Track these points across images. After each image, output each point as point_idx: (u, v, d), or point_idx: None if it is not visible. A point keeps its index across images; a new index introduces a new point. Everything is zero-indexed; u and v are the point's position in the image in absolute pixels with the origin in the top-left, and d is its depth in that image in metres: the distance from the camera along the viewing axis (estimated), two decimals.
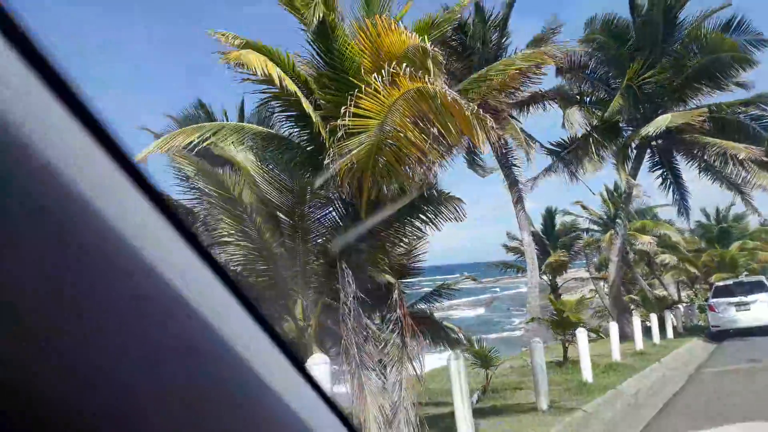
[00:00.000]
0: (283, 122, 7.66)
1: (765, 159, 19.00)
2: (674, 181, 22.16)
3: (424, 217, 7.90)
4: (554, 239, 27.44)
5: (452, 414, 6.95)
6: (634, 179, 20.88)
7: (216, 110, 12.18)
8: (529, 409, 8.76)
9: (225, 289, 0.65)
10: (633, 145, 20.83)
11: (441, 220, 7.99)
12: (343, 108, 5.99)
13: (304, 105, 6.42)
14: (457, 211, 8.01)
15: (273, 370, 0.68)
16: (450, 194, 8.08)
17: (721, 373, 13.02)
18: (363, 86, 5.90)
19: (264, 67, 6.21)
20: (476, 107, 5.73)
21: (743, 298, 20.54)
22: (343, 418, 0.90)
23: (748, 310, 20.31)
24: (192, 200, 11.80)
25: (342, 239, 6.89)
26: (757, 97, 20.17)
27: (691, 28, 19.62)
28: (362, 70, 6.34)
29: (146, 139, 11.64)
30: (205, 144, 6.87)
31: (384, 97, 5.82)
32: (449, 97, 5.60)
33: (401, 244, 8.11)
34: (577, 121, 19.38)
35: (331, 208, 7.42)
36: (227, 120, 11.12)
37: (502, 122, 18.57)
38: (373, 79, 5.81)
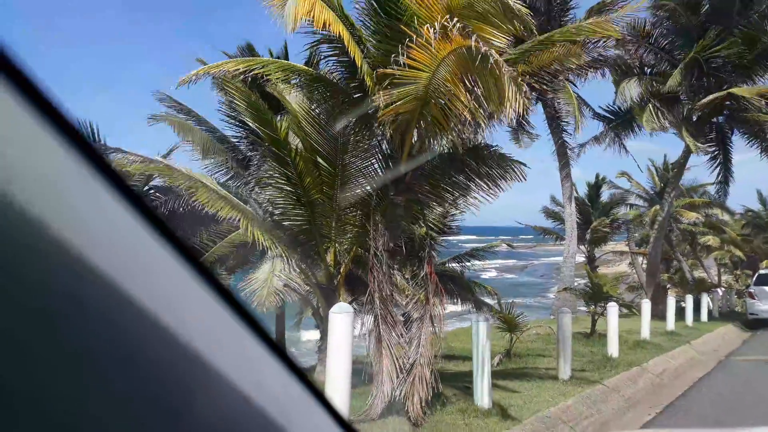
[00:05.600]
0: (332, 67, 7.55)
1: None
2: (723, 162, 21.27)
3: (471, 177, 7.57)
4: (598, 209, 26.85)
5: (471, 373, 7.04)
6: (688, 156, 20.15)
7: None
8: (549, 377, 8.78)
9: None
10: (692, 119, 19.98)
11: (491, 183, 7.57)
12: (393, 56, 5.86)
13: (351, 50, 6.30)
14: (516, 173, 7.52)
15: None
16: (508, 155, 7.60)
17: (752, 363, 12.78)
18: (414, 37, 5.73)
19: (311, 8, 6.08)
20: (516, 72, 5.49)
21: None
22: None
23: None
24: (238, 136, 12.01)
25: (379, 191, 6.87)
26: None
27: None
28: (416, 20, 6.14)
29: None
30: (252, 74, 6.79)
31: (435, 50, 5.66)
32: (491, 59, 5.38)
33: (441, 202, 7.99)
34: (632, 94, 18.56)
35: (372, 160, 7.37)
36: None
37: (557, 85, 18.01)
38: (426, 30, 5.63)
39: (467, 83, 5.83)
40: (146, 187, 12.44)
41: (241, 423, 0.62)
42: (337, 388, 5.00)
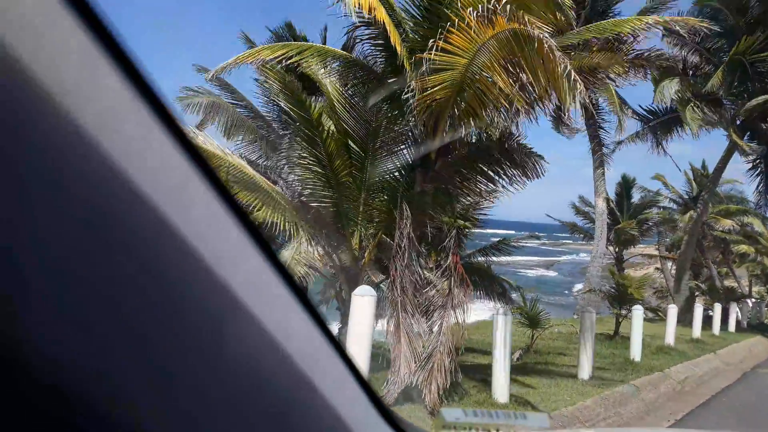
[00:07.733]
0: (369, 51, 7.52)
1: None
2: (765, 170, 20.69)
3: (498, 169, 7.58)
4: (628, 210, 26.34)
5: (490, 366, 7.00)
6: (727, 162, 19.66)
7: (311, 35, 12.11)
8: (569, 376, 8.69)
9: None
10: (737, 123, 19.41)
11: (517, 175, 7.59)
12: (431, 41, 5.80)
13: (391, 35, 6.25)
14: (536, 169, 7.58)
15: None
16: (531, 149, 7.64)
17: None
18: (456, 21, 5.65)
19: None
20: (568, 66, 5.42)
21: None
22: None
23: None
24: (272, 115, 12.01)
25: (408, 178, 6.84)
26: None
27: None
28: (458, 3, 6.03)
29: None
30: (289, 62, 6.89)
31: (476, 34, 5.58)
32: (545, 45, 5.31)
33: (469, 192, 7.92)
34: (672, 94, 18.03)
35: (402, 145, 7.34)
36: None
37: (598, 82, 17.57)
38: (468, 14, 5.55)
39: (510, 69, 5.74)
40: None
41: (268, 367, 0.63)
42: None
